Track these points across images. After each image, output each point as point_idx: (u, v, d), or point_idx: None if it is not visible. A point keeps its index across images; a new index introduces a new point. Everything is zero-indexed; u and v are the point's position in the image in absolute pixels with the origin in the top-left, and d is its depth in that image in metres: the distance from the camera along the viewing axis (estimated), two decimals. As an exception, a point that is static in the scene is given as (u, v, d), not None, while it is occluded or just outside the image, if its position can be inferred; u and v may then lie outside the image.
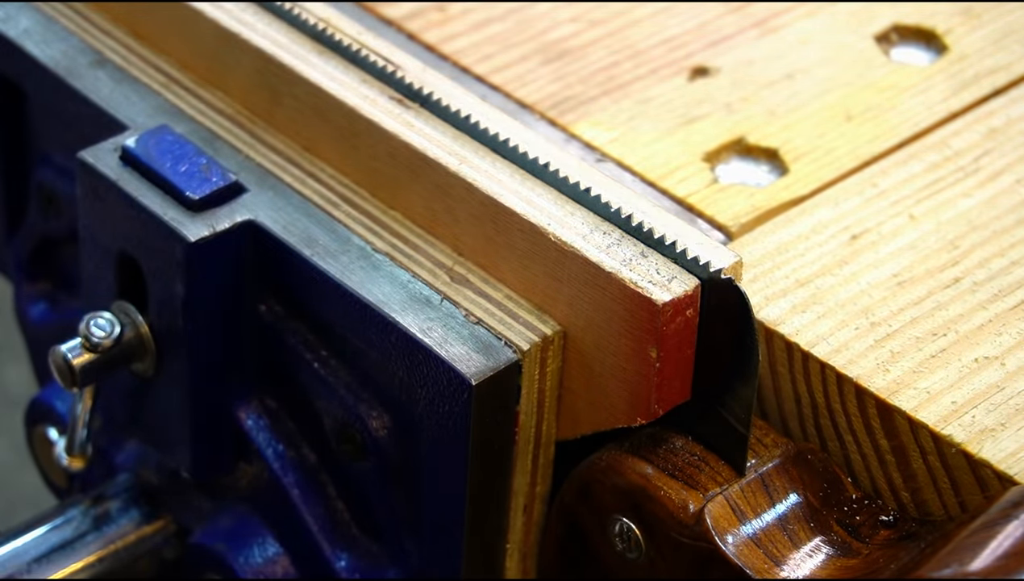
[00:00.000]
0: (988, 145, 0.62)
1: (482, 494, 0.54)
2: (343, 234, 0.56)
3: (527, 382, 0.53)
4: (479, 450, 0.53)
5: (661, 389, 0.51)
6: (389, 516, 0.58)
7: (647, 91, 0.64)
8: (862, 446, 0.52)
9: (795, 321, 0.54)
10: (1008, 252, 0.57)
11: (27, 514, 0.65)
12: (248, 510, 0.61)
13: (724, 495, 0.51)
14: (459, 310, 0.53)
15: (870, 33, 0.67)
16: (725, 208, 0.59)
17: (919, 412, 0.51)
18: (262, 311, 0.58)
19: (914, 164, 0.61)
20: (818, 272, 0.56)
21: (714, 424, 0.52)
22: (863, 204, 0.59)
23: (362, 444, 0.57)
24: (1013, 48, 0.67)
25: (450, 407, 0.52)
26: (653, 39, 0.67)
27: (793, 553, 0.50)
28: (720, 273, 0.50)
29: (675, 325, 0.50)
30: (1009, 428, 0.51)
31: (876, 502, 0.53)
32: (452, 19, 0.67)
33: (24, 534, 0.63)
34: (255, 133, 0.60)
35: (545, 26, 0.67)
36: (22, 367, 0.93)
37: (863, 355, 0.53)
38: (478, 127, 0.55)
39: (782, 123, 0.63)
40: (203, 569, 0.62)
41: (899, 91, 0.64)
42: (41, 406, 0.68)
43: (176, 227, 0.55)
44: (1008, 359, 0.53)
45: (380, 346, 0.54)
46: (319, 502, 0.59)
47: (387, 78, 0.57)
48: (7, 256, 0.71)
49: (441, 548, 0.56)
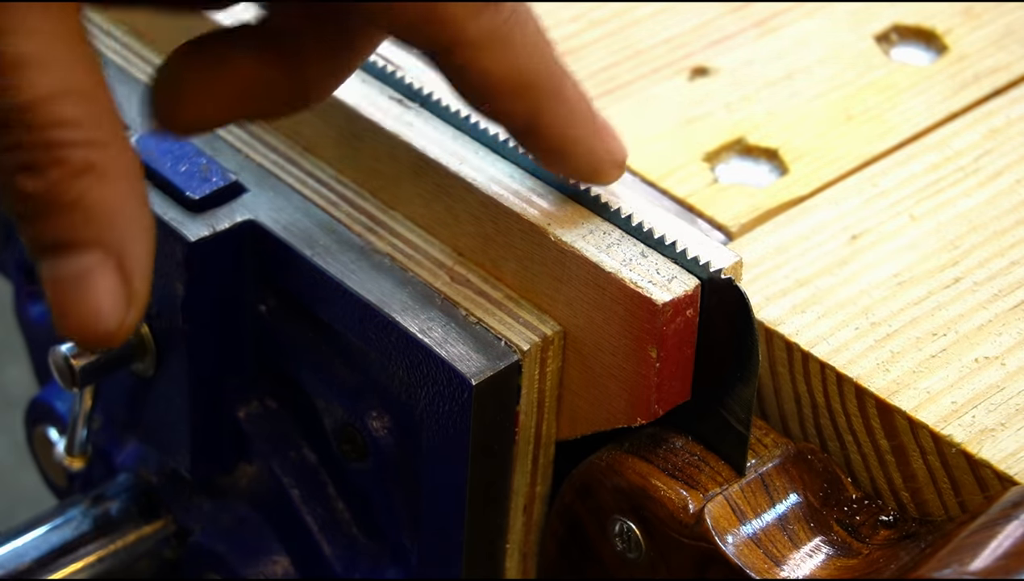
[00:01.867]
0: (988, 145, 0.62)
1: (482, 494, 0.54)
2: (343, 234, 0.56)
3: (527, 382, 0.53)
4: (479, 450, 0.53)
5: (661, 389, 0.51)
6: (389, 516, 0.58)
7: (647, 91, 0.64)
8: (862, 446, 0.52)
9: (795, 321, 0.54)
10: (1008, 252, 0.57)
11: (27, 514, 0.65)
12: (248, 510, 0.61)
13: (724, 495, 0.51)
14: (459, 310, 0.53)
15: (870, 33, 0.67)
16: (725, 208, 0.59)
17: (919, 412, 0.51)
18: (262, 311, 0.58)
19: (914, 164, 0.61)
20: (818, 272, 0.56)
21: (714, 424, 0.52)
22: (863, 204, 0.59)
23: (362, 444, 0.57)
24: (1013, 48, 0.67)
25: (450, 407, 0.52)
26: (653, 39, 0.67)
27: (793, 553, 0.50)
28: (720, 273, 0.50)
29: (675, 325, 0.50)
30: (1009, 428, 0.51)
31: (876, 502, 0.53)
32: (452, 19, 0.67)
33: (24, 534, 0.63)
34: (255, 133, 0.60)
35: (545, 26, 0.67)
36: (22, 367, 0.93)
37: (863, 355, 0.53)
38: (478, 127, 0.55)
39: (782, 123, 0.63)
40: (203, 569, 0.62)
41: (899, 91, 0.64)
42: (41, 406, 0.68)
43: (176, 227, 0.55)
44: (1008, 359, 0.53)
45: (380, 346, 0.54)
46: (319, 502, 0.59)
47: (387, 78, 0.57)
48: (7, 256, 0.71)
49: (441, 548, 0.56)
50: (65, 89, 0.41)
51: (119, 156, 0.42)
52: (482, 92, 0.48)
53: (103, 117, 0.42)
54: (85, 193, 0.41)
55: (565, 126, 0.49)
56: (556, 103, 0.49)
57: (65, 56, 0.42)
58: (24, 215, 0.42)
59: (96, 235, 0.42)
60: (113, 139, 0.42)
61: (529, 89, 0.48)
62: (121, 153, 0.42)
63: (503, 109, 0.49)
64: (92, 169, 0.41)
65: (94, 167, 0.41)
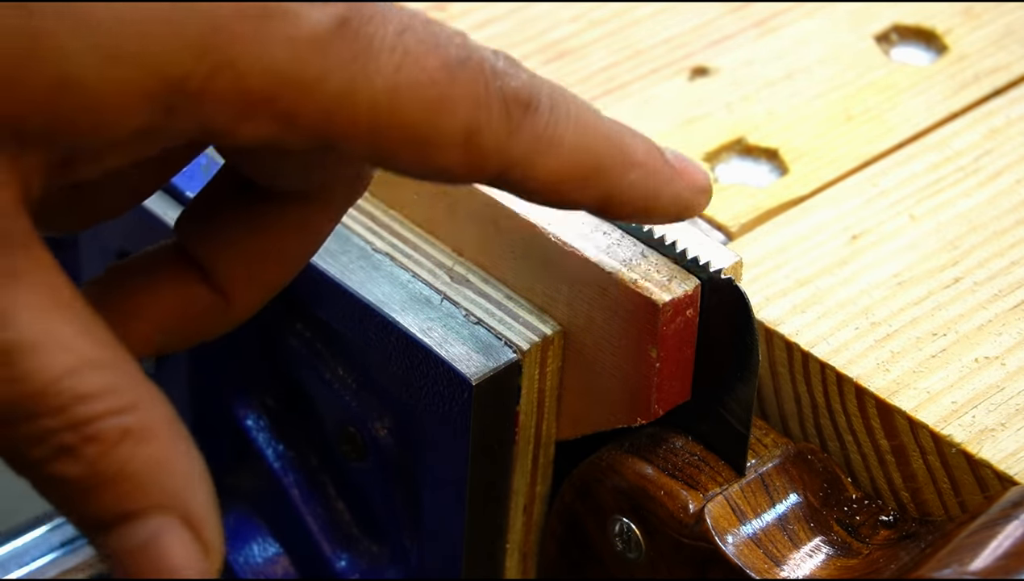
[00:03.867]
0: (988, 145, 0.62)
1: (482, 494, 0.54)
2: (343, 234, 0.56)
3: (527, 382, 0.53)
4: (479, 450, 0.53)
5: (661, 389, 0.51)
6: (389, 516, 0.58)
7: (647, 91, 0.64)
8: (862, 446, 0.52)
9: (795, 321, 0.54)
10: (1008, 252, 0.57)
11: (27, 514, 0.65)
12: (248, 510, 0.61)
13: (724, 495, 0.51)
14: (459, 310, 0.53)
15: (870, 33, 0.67)
16: (725, 208, 0.59)
17: (919, 412, 0.51)
18: (262, 311, 0.58)
19: (914, 164, 0.61)
20: (818, 272, 0.56)
21: (714, 424, 0.52)
22: (863, 204, 0.59)
23: (362, 444, 0.57)
24: (1013, 48, 0.67)
25: (450, 407, 0.52)
26: (653, 39, 0.67)
27: (793, 553, 0.50)
28: (720, 273, 0.50)
29: (675, 325, 0.50)
30: (1009, 428, 0.51)
31: (876, 502, 0.53)
32: (452, 19, 0.67)
33: (24, 534, 0.63)
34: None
35: (545, 26, 0.67)
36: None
37: (863, 355, 0.53)
38: (478, 127, 0.55)
39: (782, 123, 0.63)
40: (203, 569, 0.62)
41: (899, 91, 0.64)
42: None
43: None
44: (1008, 359, 0.53)
45: (380, 346, 0.54)
46: (319, 502, 0.59)
47: (387, 78, 0.57)
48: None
49: (441, 548, 0.56)
50: (77, 362, 0.38)
51: (152, 410, 0.39)
52: (548, 196, 0.44)
53: (121, 375, 0.39)
54: (128, 461, 0.38)
55: (643, 188, 0.46)
56: (626, 172, 0.45)
57: (63, 326, 0.38)
58: (69, 499, 0.38)
59: (153, 499, 0.38)
60: (141, 395, 0.39)
61: (595, 173, 0.44)
62: (153, 407, 0.39)
63: (575, 200, 0.45)
64: (129, 435, 0.38)
65: (130, 432, 0.38)
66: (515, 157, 0.42)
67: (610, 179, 0.45)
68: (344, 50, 0.39)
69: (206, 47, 0.38)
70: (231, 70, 0.38)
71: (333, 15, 0.39)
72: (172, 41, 0.37)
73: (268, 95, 0.39)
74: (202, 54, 0.38)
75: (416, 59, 0.40)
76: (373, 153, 0.41)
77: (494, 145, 0.41)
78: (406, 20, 0.40)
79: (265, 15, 0.38)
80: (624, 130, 0.45)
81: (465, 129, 0.41)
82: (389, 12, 0.40)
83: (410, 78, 0.40)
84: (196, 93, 0.38)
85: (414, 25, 0.40)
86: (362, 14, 0.40)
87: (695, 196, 0.47)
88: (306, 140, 0.40)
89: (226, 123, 0.39)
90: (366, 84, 0.39)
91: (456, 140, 0.41)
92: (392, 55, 0.40)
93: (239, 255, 0.45)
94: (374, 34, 0.40)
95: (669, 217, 0.47)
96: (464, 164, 0.41)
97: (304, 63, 0.39)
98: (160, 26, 0.37)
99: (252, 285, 0.46)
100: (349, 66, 0.39)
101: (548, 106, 0.43)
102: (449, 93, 0.40)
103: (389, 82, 0.40)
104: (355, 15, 0.39)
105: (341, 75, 0.39)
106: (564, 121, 0.43)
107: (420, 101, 0.40)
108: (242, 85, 0.38)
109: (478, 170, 0.42)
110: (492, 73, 0.41)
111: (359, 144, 0.40)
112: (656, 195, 0.46)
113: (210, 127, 0.39)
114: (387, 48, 0.40)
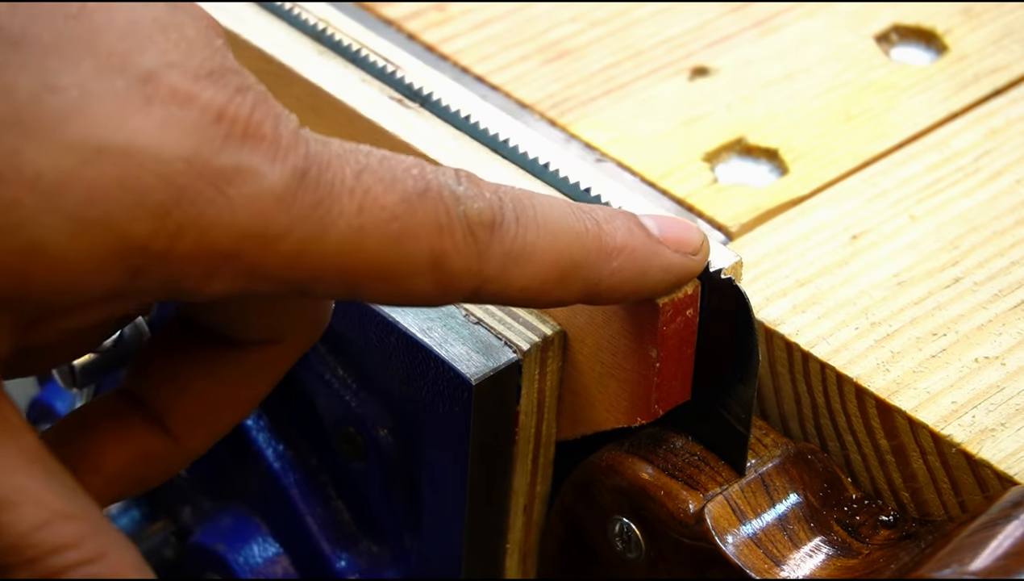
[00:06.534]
0: (988, 145, 0.62)
1: (482, 494, 0.54)
2: (343, 234, 0.56)
3: (527, 382, 0.53)
4: (479, 450, 0.53)
5: (661, 389, 0.51)
6: (389, 516, 0.58)
7: (647, 91, 0.64)
8: (862, 446, 0.52)
9: (795, 321, 0.54)
10: (1008, 252, 0.57)
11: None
12: (248, 510, 0.61)
13: (724, 495, 0.51)
14: (459, 310, 0.53)
15: (870, 33, 0.67)
16: (725, 208, 0.59)
17: (919, 412, 0.51)
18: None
19: (914, 164, 0.61)
20: (818, 272, 0.56)
21: (714, 424, 0.52)
22: (863, 204, 0.59)
23: (362, 444, 0.57)
24: (1013, 48, 0.67)
25: (450, 407, 0.52)
26: (653, 39, 0.67)
27: (793, 553, 0.50)
28: (720, 273, 0.50)
29: (675, 325, 0.50)
30: (1009, 428, 0.51)
31: (876, 502, 0.53)
32: (452, 19, 0.67)
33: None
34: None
35: (545, 26, 0.67)
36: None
37: (863, 355, 0.53)
38: (478, 127, 0.55)
39: (782, 123, 0.63)
40: (203, 569, 0.62)
41: (899, 91, 0.64)
42: (41, 406, 0.68)
43: (176, 227, 0.55)
44: (1008, 359, 0.53)
45: (380, 346, 0.54)
46: (319, 502, 0.59)
47: (387, 78, 0.57)
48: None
49: (441, 548, 0.56)
50: (49, 515, 0.39)
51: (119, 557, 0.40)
52: (532, 302, 0.44)
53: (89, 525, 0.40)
54: None
55: (629, 271, 0.45)
56: (606, 261, 0.45)
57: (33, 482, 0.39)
58: None
59: None
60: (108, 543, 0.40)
61: (573, 271, 0.44)
62: (119, 554, 0.40)
63: (560, 299, 0.45)
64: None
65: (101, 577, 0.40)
66: (488, 274, 0.43)
67: (591, 272, 0.45)
68: (306, 200, 0.40)
69: (168, 209, 0.38)
70: (194, 230, 0.38)
71: (293, 169, 0.40)
72: (134, 206, 0.38)
73: (233, 251, 0.39)
74: (164, 215, 0.38)
75: (375, 198, 0.41)
76: (345, 290, 0.41)
77: (463, 267, 0.42)
78: (362, 160, 0.41)
79: (223, 176, 0.39)
80: (600, 216, 0.45)
81: (431, 257, 0.41)
82: (345, 154, 0.41)
83: (372, 217, 0.40)
84: (161, 254, 0.38)
85: (370, 164, 0.41)
86: (320, 162, 0.40)
87: (686, 260, 0.47)
88: (276, 287, 0.40)
89: (193, 281, 0.39)
90: (332, 229, 0.40)
91: (423, 268, 0.41)
92: (352, 198, 0.40)
93: (194, 402, 0.46)
94: (333, 179, 0.40)
95: (666, 288, 0.48)
96: (436, 289, 0.42)
97: (268, 218, 0.39)
98: (122, 191, 0.38)
99: (206, 429, 0.47)
100: (312, 214, 0.40)
101: (513, 219, 0.43)
102: (411, 224, 0.41)
103: (353, 223, 0.40)
104: (313, 165, 0.40)
105: (305, 225, 0.40)
106: (533, 229, 0.43)
107: (384, 237, 0.41)
108: (206, 244, 0.39)
109: (453, 290, 0.42)
110: (453, 199, 0.42)
111: (330, 285, 0.41)
112: (644, 272, 0.46)
113: (177, 286, 0.39)
114: (347, 191, 0.40)
